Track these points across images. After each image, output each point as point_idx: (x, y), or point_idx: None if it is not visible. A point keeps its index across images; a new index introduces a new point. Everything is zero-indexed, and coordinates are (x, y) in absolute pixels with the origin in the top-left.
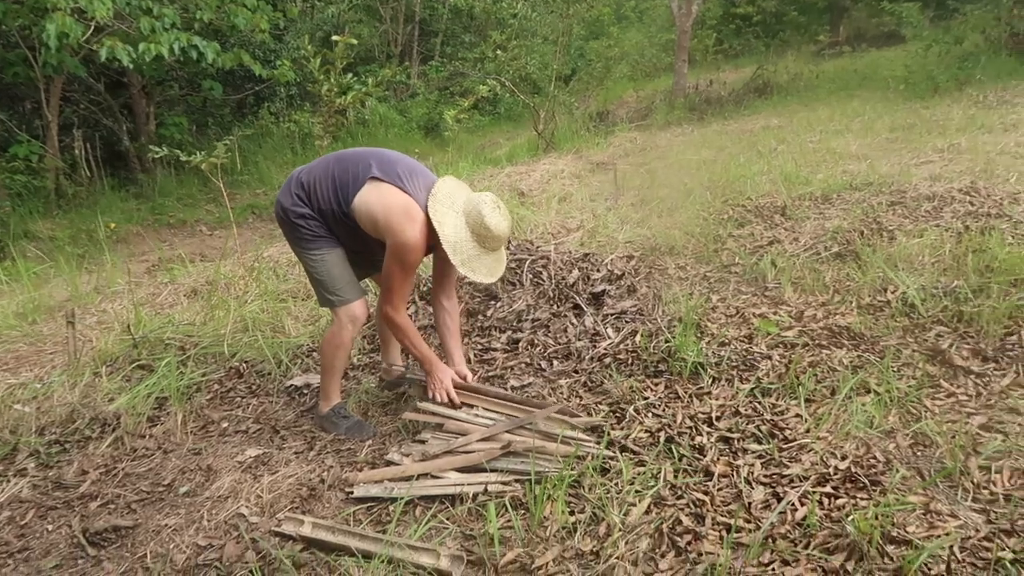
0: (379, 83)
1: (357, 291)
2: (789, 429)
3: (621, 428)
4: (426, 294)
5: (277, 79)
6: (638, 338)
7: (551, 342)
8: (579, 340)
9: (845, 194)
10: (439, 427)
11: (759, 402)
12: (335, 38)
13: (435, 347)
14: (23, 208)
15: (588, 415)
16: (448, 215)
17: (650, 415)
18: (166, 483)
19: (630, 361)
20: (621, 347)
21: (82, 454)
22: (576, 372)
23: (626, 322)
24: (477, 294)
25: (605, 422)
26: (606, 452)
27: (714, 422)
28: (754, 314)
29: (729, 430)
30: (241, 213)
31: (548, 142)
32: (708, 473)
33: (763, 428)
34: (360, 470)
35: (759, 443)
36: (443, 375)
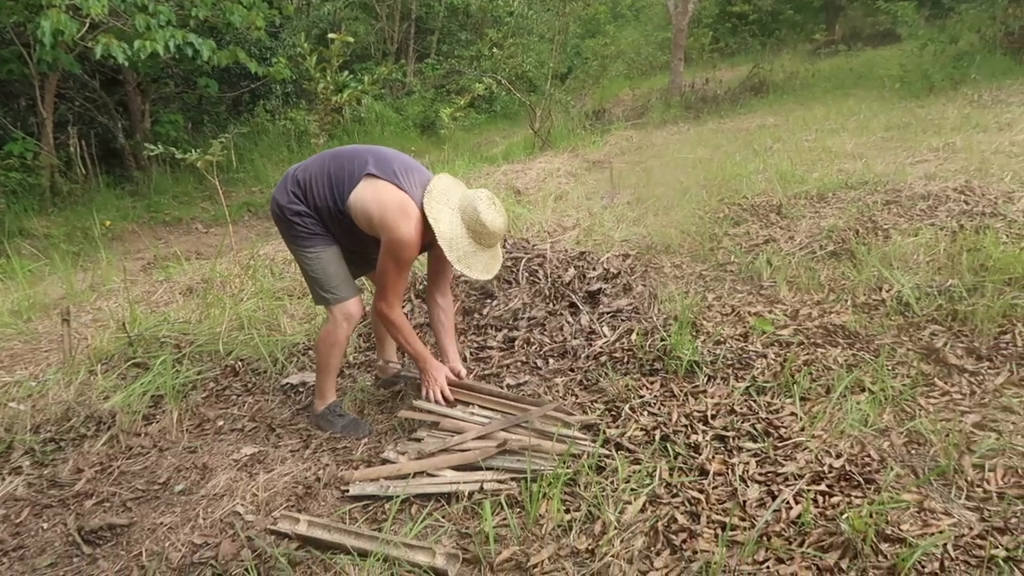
0: (375, 81)
1: (352, 289)
2: (784, 427)
3: (617, 426)
4: (422, 292)
5: (273, 77)
6: (634, 336)
7: (547, 340)
8: (575, 338)
9: (840, 193)
10: (435, 425)
11: (754, 400)
12: (331, 36)
13: (430, 345)
14: (18, 205)
15: (584, 413)
16: (444, 212)
17: (646, 413)
18: (161, 481)
19: (626, 359)
20: (617, 345)
21: (77, 452)
22: (572, 370)
23: (622, 320)
24: (473, 292)
25: (601, 420)
26: (602, 450)
27: (709, 420)
28: (749, 313)
29: (724, 428)
30: (237, 211)
31: (544, 140)
32: (703, 471)
33: (758, 426)
34: (356, 468)
35: (754, 441)
36: (437, 373)
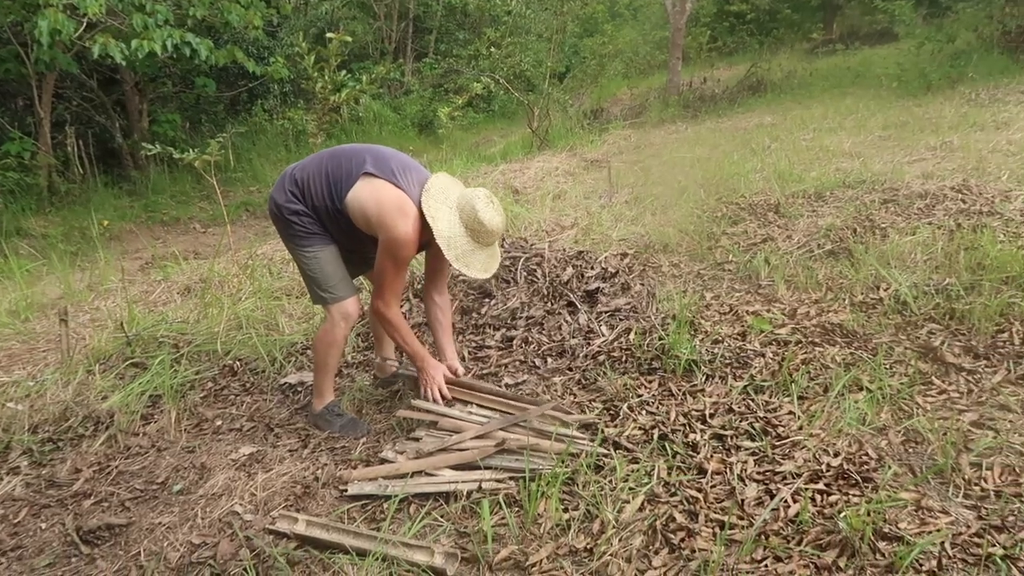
0: (373, 80)
1: (350, 288)
2: (782, 426)
3: (615, 425)
4: (420, 291)
5: (271, 76)
6: (632, 336)
7: (545, 340)
8: (573, 338)
9: (838, 192)
10: (433, 425)
11: (752, 399)
12: (329, 35)
13: (428, 344)
14: (15, 205)
15: (582, 412)
16: (442, 210)
17: (644, 412)
18: (160, 481)
19: (624, 359)
20: (615, 345)
21: (75, 452)
22: (570, 370)
23: (620, 320)
24: (471, 292)
25: (599, 419)
26: (600, 449)
27: (707, 419)
28: (747, 312)
29: (722, 427)
30: (235, 210)
31: (542, 140)
32: (701, 470)
33: (756, 425)
34: (354, 468)
35: (752, 440)
36: (435, 371)
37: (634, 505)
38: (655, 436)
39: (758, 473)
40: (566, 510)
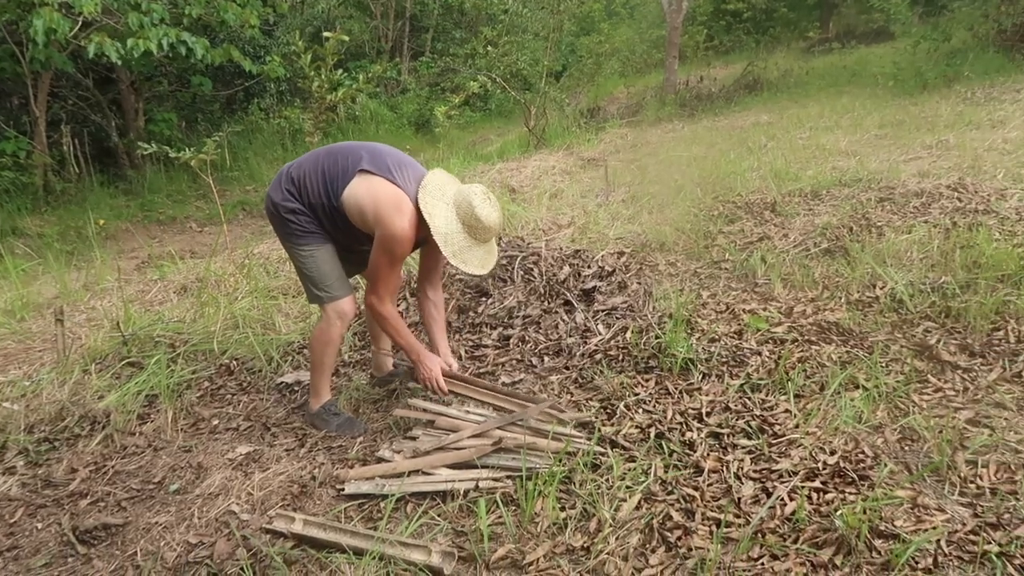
0: (370, 79)
1: (346, 288)
2: (778, 424)
3: (612, 424)
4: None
5: (267, 75)
6: (629, 334)
7: (542, 338)
8: (570, 336)
9: (834, 190)
10: (430, 424)
11: (749, 398)
12: (326, 34)
13: (423, 341)
14: (11, 205)
15: (579, 411)
16: (439, 206)
17: (640, 411)
18: (156, 481)
19: (621, 357)
20: (612, 343)
21: (72, 452)
22: (567, 368)
23: (617, 318)
24: (468, 291)
25: (596, 418)
26: (597, 448)
27: (704, 418)
28: (744, 310)
29: (719, 426)
30: (231, 209)
31: (539, 138)
32: (698, 468)
33: (753, 424)
34: (351, 467)
35: (749, 438)
36: (431, 363)
37: (631, 503)
38: (652, 435)
39: (754, 471)
40: (563, 509)
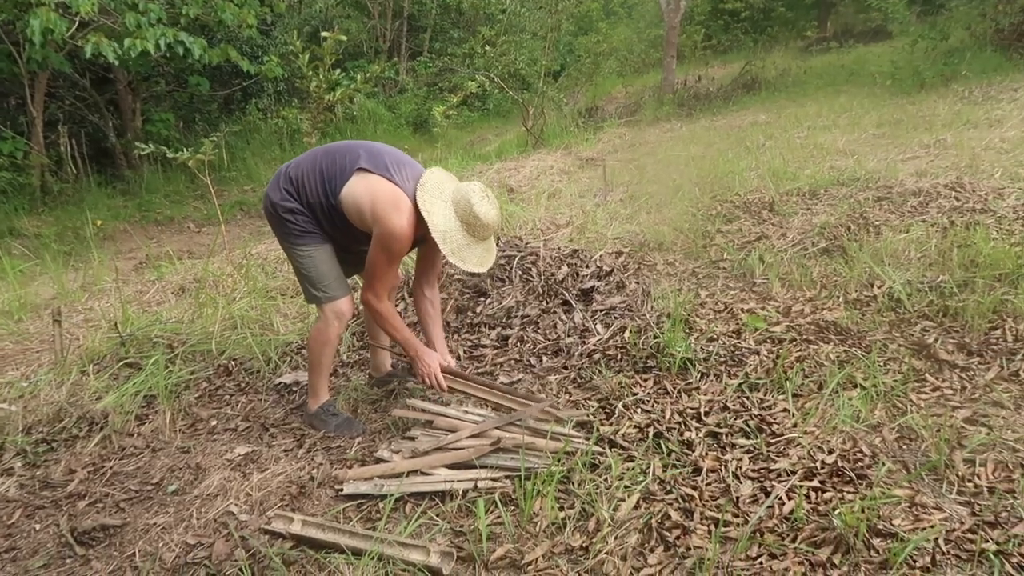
0: (368, 79)
1: (344, 288)
2: (776, 424)
3: (610, 424)
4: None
5: (265, 75)
6: (627, 334)
7: (540, 338)
8: (568, 336)
9: (832, 190)
10: (429, 424)
11: (747, 397)
12: (324, 34)
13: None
14: (8, 205)
15: (577, 411)
16: (437, 204)
17: (639, 411)
18: (155, 482)
19: (619, 357)
20: (610, 343)
21: (70, 453)
22: (565, 368)
23: (615, 318)
24: (467, 291)
25: (594, 418)
26: (595, 448)
27: (702, 417)
28: (742, 309)
29: (717, 425)
30: (229, 210)
31: (537, 138)
32: (696, 468)
33: (751, 423)
34: (350, 467)
35: (747, 438)
36: (429, 358)
37: (629, 503)
38: (650, 434)
39: (753, 471)
40: (562, 508)
